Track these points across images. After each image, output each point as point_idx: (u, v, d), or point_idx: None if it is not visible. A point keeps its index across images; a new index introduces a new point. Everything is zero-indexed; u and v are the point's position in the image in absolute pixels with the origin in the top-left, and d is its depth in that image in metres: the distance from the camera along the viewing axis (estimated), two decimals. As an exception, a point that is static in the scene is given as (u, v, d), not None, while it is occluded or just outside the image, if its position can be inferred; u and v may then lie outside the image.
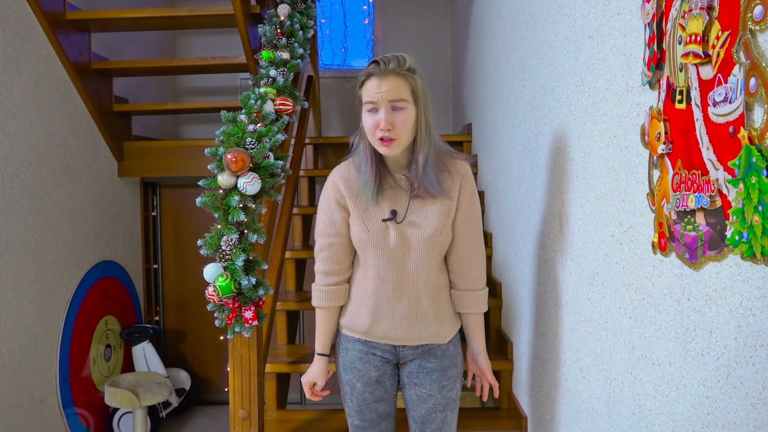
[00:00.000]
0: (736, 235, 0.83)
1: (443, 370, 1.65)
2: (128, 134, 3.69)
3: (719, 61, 0.87)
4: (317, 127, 4.11)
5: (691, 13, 0.94)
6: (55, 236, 2.98)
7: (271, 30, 2.64)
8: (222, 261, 1.90)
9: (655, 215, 1.10)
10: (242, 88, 4.80)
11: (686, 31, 0.96)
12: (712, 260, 0.91)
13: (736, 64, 0.83)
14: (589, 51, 1.46)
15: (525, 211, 2.17)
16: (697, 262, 0.95)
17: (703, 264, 0.94)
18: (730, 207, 0.85)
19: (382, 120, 1.47)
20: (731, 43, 0.84)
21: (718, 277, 0.91)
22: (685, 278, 1.01)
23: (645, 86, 1.13)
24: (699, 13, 0.92)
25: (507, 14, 2.44)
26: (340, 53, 5.13)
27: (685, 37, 0.96)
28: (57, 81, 2.99)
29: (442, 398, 1.65)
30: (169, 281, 4.21)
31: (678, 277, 1.03)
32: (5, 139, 2.60)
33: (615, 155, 1.30)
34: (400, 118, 1.48)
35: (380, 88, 1.46)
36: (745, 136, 0.81)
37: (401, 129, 1.48)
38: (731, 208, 0.84)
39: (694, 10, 0.93)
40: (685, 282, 1.00)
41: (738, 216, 0.83)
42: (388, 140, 1.49)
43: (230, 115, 2.16)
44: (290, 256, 2.92)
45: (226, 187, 1.93)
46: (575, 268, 1.58)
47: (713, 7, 0.89)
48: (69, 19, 3.03)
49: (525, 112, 2.14)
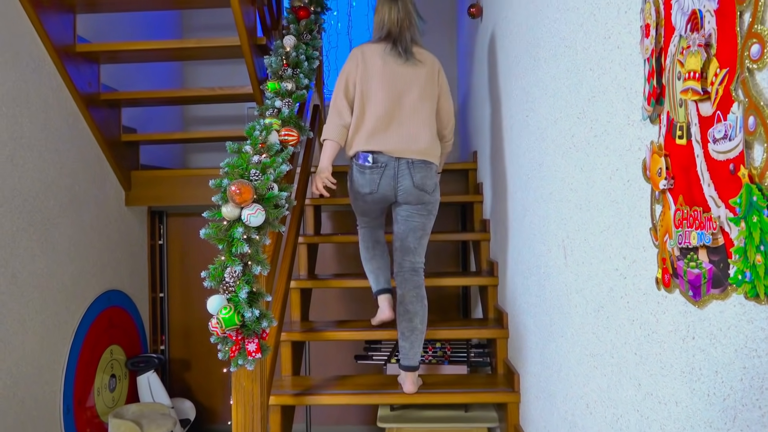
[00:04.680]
0: (739, 275, 0.82)
1: None
2: (136, 163, 3.72)
3: (718, 98, 0.87)
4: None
5: (689, 49, 0.94)
6: (62, 266, 2.99)
7: (276, 61, 2.67)
8: (226, 293, 1.89)
9: (658, 250, 1.09)
10: (249, 116, 4.84)
11: (685, 67, 0.95)
12: (715, 299, 0.90)
13: (735, 101, 0.83)
14: (590, 84, 1.46)
15: (530, 241, 2.16)
16: (701, 300, 0.94)
17: (707, 302, 0.93)
18: (732, 245, 0.84)
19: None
20: (729, 81, 0.84)
21: (723, 316, 0.89)
22: (689, 316, 0.99)
23: (646, 121, 1.13)
24: (697, 50, 0.91)
25: (509, 45, 2.46)
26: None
27: (684, 73, 0.96)
28: (66, 112, 3.03)
29: None
30: (175, 310, 4.20)
31: (682, 314, 1.01)
32: (14, 171, 2.63)
33: (617, 188, 1.29)
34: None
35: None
36: (745, 174, 0.80)
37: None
38: (734, 247, 0.83)
39: (693, 47, 0.93)
40: (690, 320, 0.99)
41: (740, 255, 0.81)
42: None
43: (235, 146, 2.18)
44: (295, 286, 2.91)
45: (230, 218, 1.93)
46: (580, 300, 1.56)
47: (711, 45, 0.89)
48: (79, 52, 3.08)
49: (529, 142, 2.14)
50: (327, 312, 4.06)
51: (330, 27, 5.00)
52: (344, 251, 4.17)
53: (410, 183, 2.41)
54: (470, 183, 3.67)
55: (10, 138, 2.61)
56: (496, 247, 2.91)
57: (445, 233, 3.43)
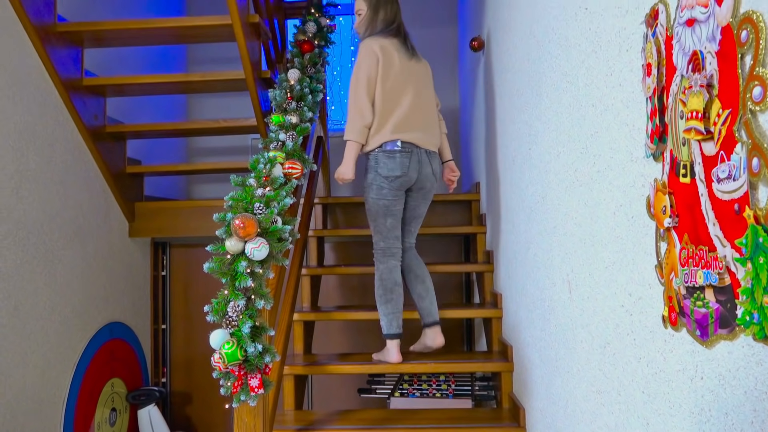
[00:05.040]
0: (746, 316, 0.82)
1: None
2: (140, 195, 3.74)
3: (721, 138, 0.87)
4: (326, 186, 4.15)
5: (691, 89, 0.95)
6: (65, 298, 2.99)
7: (281, 94, 2.70)
8: (228, 327, 1.88)
9: (664, 288, 1.08)
10: (253, 148, 4.88)
11: (687, 107, 0.96)
12: (723, 339, 0.89)
13: (738, 142, 0.83)
14: (592, 119, 1.47)
15: (534, 274, 2.15)
16: (709, 340, 0.93)
17: (715, 342, 0.92)
18: (739, 286, 0.83)
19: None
20: (732, 122, 0.84)
21: (731, 357, 0.88)
22: (697, 355, 0.98)
23: (649, 158, 1.14)
24: (699, 91, 0.92)
25: (512, 77, 2.49)
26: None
27: (687, 112, 0.96)
28: (71, 145, 3.05)
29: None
30: (177, 342, 4.18)
31: (690, 353, 1.00)
32: (18, 204, 2.64)
33: (622, 224, 1.29)
34: (357, 20, 2.68)
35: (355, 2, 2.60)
36: (750, 215, 0.80)
37: (356, 25, 2.71)
38: (740, 288, 0.83)
39: (695, 88, 0.94)
40: (698, 359, 0.98)
41: (748, 296, 0.81)
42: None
43: (239, 179, 2.19)
44: (298, 318, 2.90)
45: (233, 252, 1.93)
46: (586, 336, 1.55)
47: (713, 85, 0.90)
48: (86, 85, 3.12)
49: (532, 174, 2.15)
50: (330, 344, 4.03)
51: (333, 59, 5.06)
52: (347, 282, 4.16)
53: (430, 170, 2.63)
54: (473, 214, 3.67)
55: (15, 171, 2.63)
56: (500, 278, 2.90)
57: (449, 265, 3.42)
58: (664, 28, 1.06)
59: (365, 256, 4.05)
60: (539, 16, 1.97)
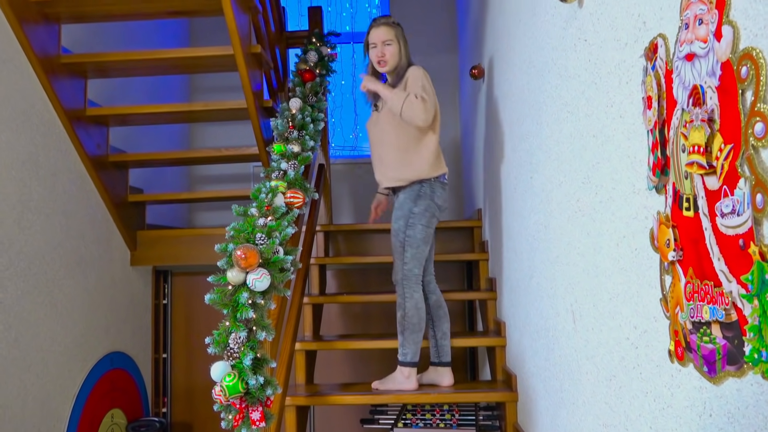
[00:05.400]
0: (755, 353, 0.80)
1: (396, 209, 2.64)
2: (142, 223, 3.74)
3: (724, 173, 0.87)
4: (328, 214, 4.15)
5: (692, 123, 0.95)
6: (65, 329, 2.97)
7: (282, 123, 2.71)
8: (230, 359, 1.86)
9: (669, 322, 1.07)
10: (255, 175, 4.89)
11: (689, 141, 0.96)
12: (732, 376, 0.88)
13: (741, 177, 0.83)
14: (593, 150, 1.47)
15: (537, 303, 2.13)
16: (717, 376, 0.91)
17: (723, 379, 0.90)
18: (746, 323, 0.82)
19: (378, 51, 2.64)
20: (735, 157, 0.84)
21: (740, 395, 0.87)
22: (705, 392, 0.96)
23: (651, 190, 1.13)
24: (700, 125, 0.92)
25: (513, 106, 2.50)
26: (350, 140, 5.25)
27: (689, 146, 0.96)
28: (74, 174, 3.06)
29: (393, 224, 2.63)
30: (178, 371, 4.14)
31: (698, 389, 0.99)
32: (20, 234, 2.64)
33: (625, 256, 1.28)
34: (389, 50, 2.64)
35: (377, 34, 2.64)
36: (756, 251, 0.79)
37: (389, 56, 2.64)
38: (748, 324, 0.82)
39: (696, 122, 0.94)
40: (706, 396, 0.96)
41: (755, 333, 0.80)
42: (382, 62, 2.65)
43: (241, 209, 2.19)
44: (300, 348, 2.87)
45: (235, 283, 1.92)
46: (591, 368, 1.53)
47: (714, 120, 0.90)
48: (89, 115, 3.13)
49: (534, 203, 2.15)
50: (332, 373, 3.99)
51: (335, 87, 5.10)
52: (350, 310, 4.13)
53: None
54: (475, 240, 3.66)
55: (18, 201, 2.63)
56: (503, 306, 2.88)
57: (452, 292, 3.40)
58: (663, 62, 1.07)
59: (367, 284, 4.03)
60: (539, 47, 1.98)
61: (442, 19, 5.15)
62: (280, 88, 3.64)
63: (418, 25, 5.15)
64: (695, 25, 0.94)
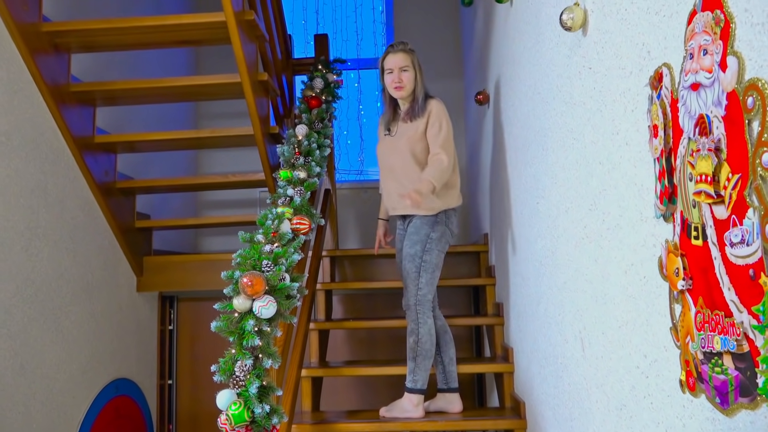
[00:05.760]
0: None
1: (411, 233, 2.64)
2: (148, 249, 3.75)
3: (732, 202, 0.87)
4: (334, 239, 4.15)
5: (699, 153, 0.95)
6: (71, 355, 2.96)
7: (289, 150, 2.72)
8: (236, 387, 1.85)
9: (680, 351, 1.06)
10: (261, 200, 4.90)
11: (696, 170, 0.96)
12: (745, 408, 0.86)
13: (750, 207, 0.82)
14: (600, 177, 1.47)
15: (545, 330, 2.12)
16: (730, 408, 0.90)
17: (736, 411, 0.89)
18: (759, 354, 0.81)
19: (395, 77, 2.66)
20: (743, 186, 0.84)
21: (753, 427, 0.85)
22: (718, 423, 0.95)
23: (659, 218, 1.13)
24: (707, 154, 0.92)
25: (518, 132, 2.51)
26: (356, 164, 5.27)
27: (696, 175, 0.96)
28: (82, 201, 3.08)
29: (408, 249, 2.63)
30: (183, 397, 4.11)
31: (710, 421, 0.97)
32: (28, 261, 2.65)
33: (634, 283, 1.27)
34: (405, 75, 2.66)
35: (394, 59, 2.67)
36: (766, 282, 0.78)
37: (406, 82, 2.66)
38: (760, 356, 0.81)
39: (702, 151, 0.94)
40: (719, 428, 0.95)
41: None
42: (399, 87, 2.66)
43: (247, 236, 2.19)
44: (306, 375, 2.85)
45: (241, 310, 1.92)
46: (601, 396, 1.51)
47: (721, 149, 0.90)
48: (97, 142, 3.16)
49: (540, 228, 2.14)
50: (338, 400, 3.95)
51: (341, 113, 5.13)
52: (356, 335, 4.11)
53: None
54: (482, 265, 3.65)
55: (26, 228, 2.64)
56: (511, 332, 2.86)
57: (458, 317, 3.38)
58: (669, 91, 1.07)
59: (374, 309, 4.01)
60: (543, 74, 2.00)
61: (448, 44, 5.20)
62: (287, 114, 3.67)
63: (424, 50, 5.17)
64: (700, 55, 0.95)
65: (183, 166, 4.92)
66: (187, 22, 2.73)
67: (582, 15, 1.53)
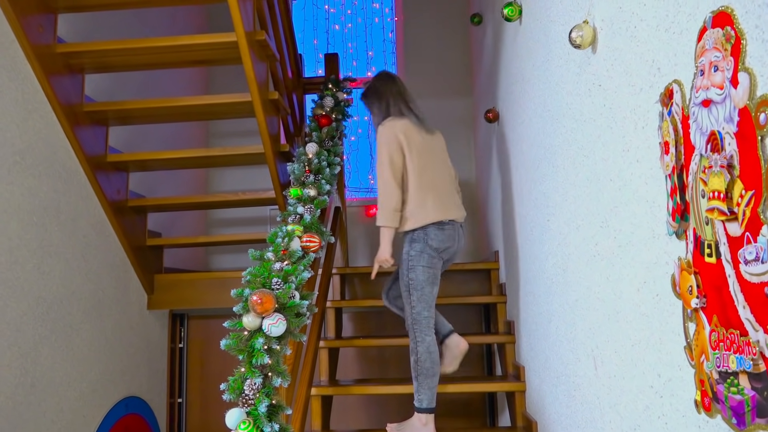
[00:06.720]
0: (786, 406, 0.78)
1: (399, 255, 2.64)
2: (159, 267, 3.76)
3: (746, 219, 0.86)
4: (344, 256, 4.15)
5: (711, 169, 0.94)
6: (81, 373, 2.96)
7: (299, 168, 2.74)
8: (245, 406, 1.84)
9: (695, 371, 1.04)
10: (272, 218, 4.92)
11: (708, 186, 0.95)
12: (762, 429, 0.85)
13: (764, 224, 0.81)
14: (611, 194, 1.46)
15: (557, 348, 2.10)
16: (746, 429, 0.88)
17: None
18: (775, 374, 0.80)
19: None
20: (756, 203, 0.83)
21: (772, 449, 0.83)
22: (735, 445, 0.93)
23: (672, 236, 1.12)
24: (720, 171, 0.91)
25: (528, 149, 2.50)
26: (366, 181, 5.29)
27: (708, 192, 0.95)
28: (94, 219, 3.10)
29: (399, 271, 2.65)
30: (193, 415, 4.10)
31: (727, 442, 0.95)
32: (40, 279, 2.66)
33: (646, 302, 1.26)
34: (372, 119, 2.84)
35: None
36: (782, 300, 0.77)
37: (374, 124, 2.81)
38: (777, 376, 0.79)
39: (715, 168, 0.93)
40: (736, 449, 0.93)
41: (786, 385, 0.77)
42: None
43: (257, 254, 2.19)
44: (316, 393, 2.83)
45: (251, 328, 1.91)
46: (614, 416, 1.49)
47: (734, 166, 0.89)
48: (110, 161, 3.19)
49: (551, 246, 2.13)
50: (348, 418, 3.92)
51: (351, 131, 5.16)
52: (366, 353, 4.08)
53: (463, 243, 2.73)
54: (493, 283, 3.63)
55: (38, 246, 2.66)
56: (522, 350, 2.83)
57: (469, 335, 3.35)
58: (680, 108, 1.07)
59: (384, 327, 3.99)
60: (553, 91, 2.00)
61: (457, 62, 5.23)
62: (297, 133, 3.69)
63: (434, 68, 5.23)
64: (711, 71, 0.95)
65: (194, 184, 4.96)
66: (199, 42, 2.76)
67: (591, 33, 1.53)
